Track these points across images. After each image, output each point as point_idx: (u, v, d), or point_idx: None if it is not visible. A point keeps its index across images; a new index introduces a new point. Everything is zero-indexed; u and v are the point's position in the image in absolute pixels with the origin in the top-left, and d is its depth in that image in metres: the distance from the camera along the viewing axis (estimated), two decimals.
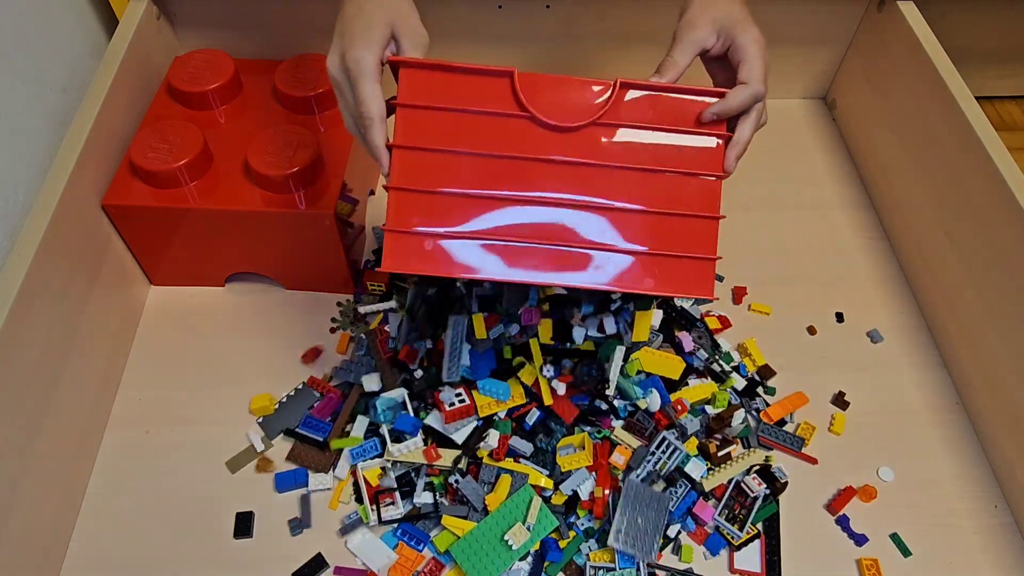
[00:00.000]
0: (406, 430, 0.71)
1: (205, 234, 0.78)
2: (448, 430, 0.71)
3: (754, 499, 0.70)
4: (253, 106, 0.84)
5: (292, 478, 0.71)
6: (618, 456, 0.71)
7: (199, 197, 0.75)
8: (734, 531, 0.69)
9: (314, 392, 0.77)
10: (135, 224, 0.77)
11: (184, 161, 0.74)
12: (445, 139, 0.56)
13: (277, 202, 0.74)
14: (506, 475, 0.69)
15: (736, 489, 0.71)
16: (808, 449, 0.75)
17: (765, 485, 0.71)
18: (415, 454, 0.70)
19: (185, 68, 0.83)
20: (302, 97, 0.81)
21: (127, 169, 0.76)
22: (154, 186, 0.75)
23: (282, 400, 0.76)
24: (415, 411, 0.72)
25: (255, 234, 0.78)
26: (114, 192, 0.75)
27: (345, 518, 0.69)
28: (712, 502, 0.71)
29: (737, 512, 0.70)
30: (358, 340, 0.80)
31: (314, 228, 0.76)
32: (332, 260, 0.80)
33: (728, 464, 0.72)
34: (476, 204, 0.56)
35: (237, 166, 0.77)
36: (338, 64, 0.55)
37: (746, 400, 0.77)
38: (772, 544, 0.69)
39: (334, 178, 0.76)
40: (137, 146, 0.75)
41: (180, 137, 0.75)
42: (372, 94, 0.53)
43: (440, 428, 0.71)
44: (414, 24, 0.57)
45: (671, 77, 0.58)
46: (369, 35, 0.54)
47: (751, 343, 0.81)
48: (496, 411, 0.72)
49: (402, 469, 0.71)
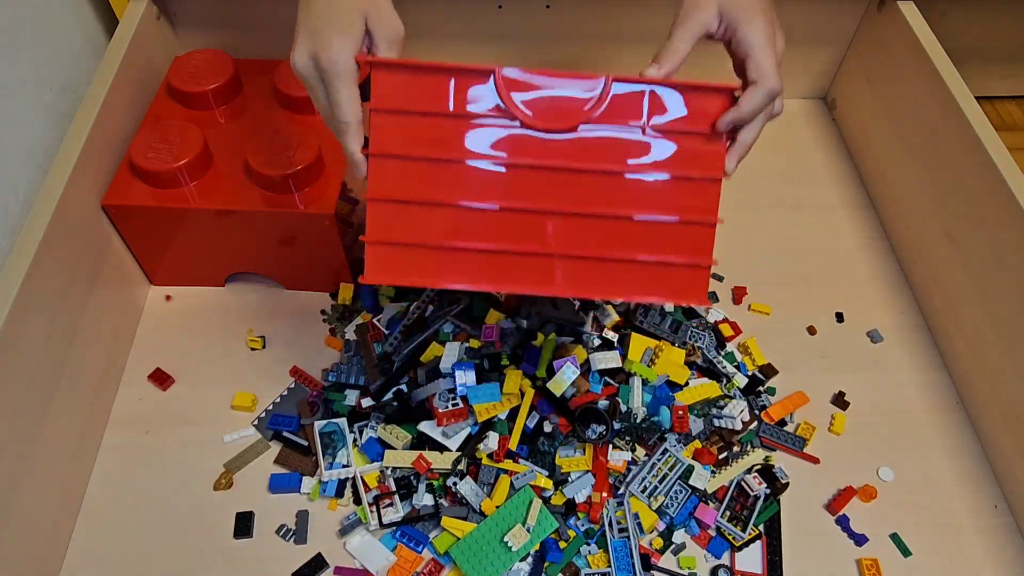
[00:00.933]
0: (372, 457, 0.71)
1: (205, 234, 0.78)
2: (442, 434, 0.70)
3: (755, 499, 0.70)
4: (253, 106, 0.84)
5: (286, 481, 0.70)
6: (617, 457, 0.71)
7: (199, 197, 0.75)
8: (736, 532, 0.69)
9: (305, 388, 0.77)
10: (135, 224, 0.77)
11: (184, 161, 0.73)
12: (424, 146, 0.53)
13: (277, 202, 0.74)
14: (505, 476, 0.69)
15: (737, 489, 0.71)
16: (808, 449, 0.75)
17: (765, 484, 0.71)
18: (402, 456, 0.69)
19: (185, 68, 0.83)
20: (302, 97, 0.81)
21: (127, 169, 0.76)
22: (154, 186, 0.75)
23: (275, 400, 0.76)
24: (360, 431, 0.72)
25: (255, 234, 0.78)
26: (114, 192, 0.75)
27: (344, 519, 0.69)
28: (713, 504, 0.71)
29: (739, 512, 0.70)
30: (347, 343, 0.79)
31: (314, 228, 0.76)
32: (332, 260, 0.80)
33: (729, 466, 0.72)
34: (460, 213, 0.53)
35: (237, 166, 0.77)
36: (309, 63, 0.51)
37: (751, 398, 0.77)
38: (773, 544, 0.69)
39: (334, 178, 0.76)
40: (137, 146, 0.75)
41: (180, 137, 0.75)
42: (349, 99, 0.50)
43: (434, 434, 0.71)
44: (388, 15, 0.52)
45: (670, 68, 0.53)
46: (344, 32, 0.49)
47: (752, 342, 0.81)
48: (496, 414, 0.71)
49: (401, 473, 0.71)
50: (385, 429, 0.71)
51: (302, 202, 0.74)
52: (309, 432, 0.73)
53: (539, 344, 0.75)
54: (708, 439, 0.74)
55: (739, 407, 0.75)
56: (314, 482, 0.71)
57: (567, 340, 0.77)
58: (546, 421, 0.72)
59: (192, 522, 0.69)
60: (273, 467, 0.72)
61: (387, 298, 0.83)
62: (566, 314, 0.79)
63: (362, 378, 0.76)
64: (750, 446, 0.74)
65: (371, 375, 0.75)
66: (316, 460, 0.71)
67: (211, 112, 0.82)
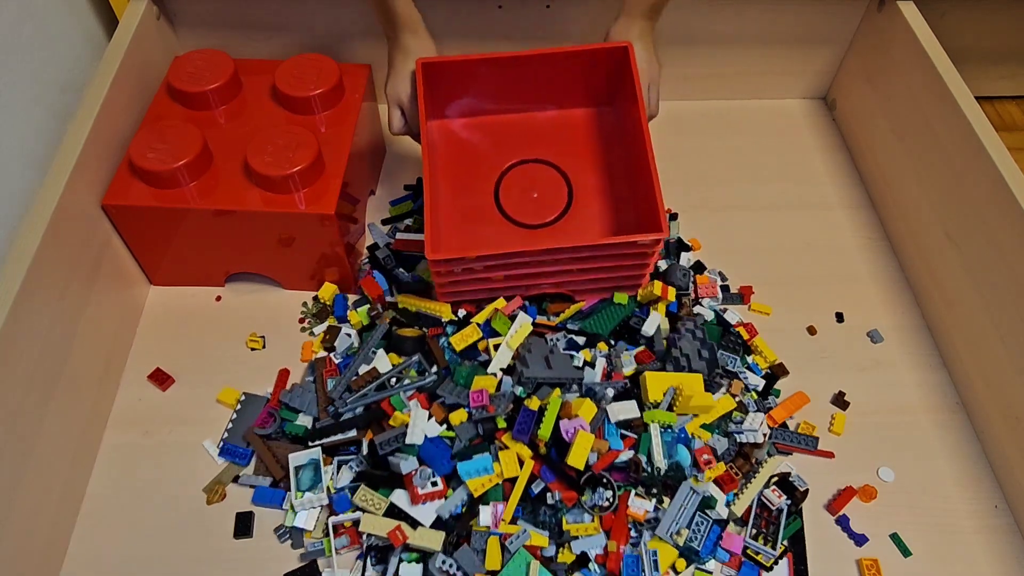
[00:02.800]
0: (339, 510, 0.67)
1: (205, 234, 0.78)
2: (417, 512, 0.66)
3: (778, 512, 0.69)
4: (253, 106, 0.84)
5: (270, 496, 0.69)
6: (638, 505, 0.66)
7: (199, 197, 0.75)
8: (767, 551, 0.67)
9: (262, 399, 0.75)
10: (135, 224, 0.77)
11: (184, 161, 0.73)
12: None
13: (277, 202, 0.74)
14: (495, 538, 0.65)
15: (760, 505, 0.70)
16: None
17: (785, 497, 0.70)
18: (379, 524, 0.65)
19: (185, 68, 0.83)
20: (302, 97, 0.81)
21: (127, 169, 0.76)
22: (154, 186, 0.75)
23: (232, 419, 0.75)
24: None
25: (255, 234, 0.78)
26: (114, 192, 0.75)
27: (310, 544, 0.67)
28: (734, 527, 0.69)
29: (765, 529, 0.68)
30: (312, 362, 0.77)
31: (314, 228, 0.76)
32: (332, 260, 0.80)
33: (749, 483, 0.70)
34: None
35: (237, 166, 0.77)
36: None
37: (761, 400, 0.76)
38: (800, 560, 0.68)
39: (334, 178, 0.76)
40: (137, 146, 0.75)
41: (180, 137, 0.75)
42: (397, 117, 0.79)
43: (408, 509, 0.66)
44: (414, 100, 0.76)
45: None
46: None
47: (760, 341, 0.81)
48: (491, 486, 0.66)
49: (376, 540, 0.66)
50: (362, 496, 0.67)
51: (302, 202, 0.74)
52: (283, 461, 0.70)
53: (534, 407, 0.69)
54: (734, 461, 0.72)
55: (757, 419, 0.73)
56: (287, 506, 0.69)
57: (570, 397, 0.72)
58: (549, 493, 0.66)
59: (192, 522, 0.69)
60: None
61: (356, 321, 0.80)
62: (561, 372, 0.72)
63: (314, 409, 0.73)
64: (766, 455, 0.73)
65: (320, 411, 0.73)
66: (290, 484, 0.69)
67: (211, 112, 0.82)
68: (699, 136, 1.02)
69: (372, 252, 0.87)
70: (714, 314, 0.83)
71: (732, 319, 0.82)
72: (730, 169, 0.99)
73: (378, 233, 0.90)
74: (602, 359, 0.75)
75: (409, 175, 0.97)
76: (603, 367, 0.74)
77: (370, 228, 0.91)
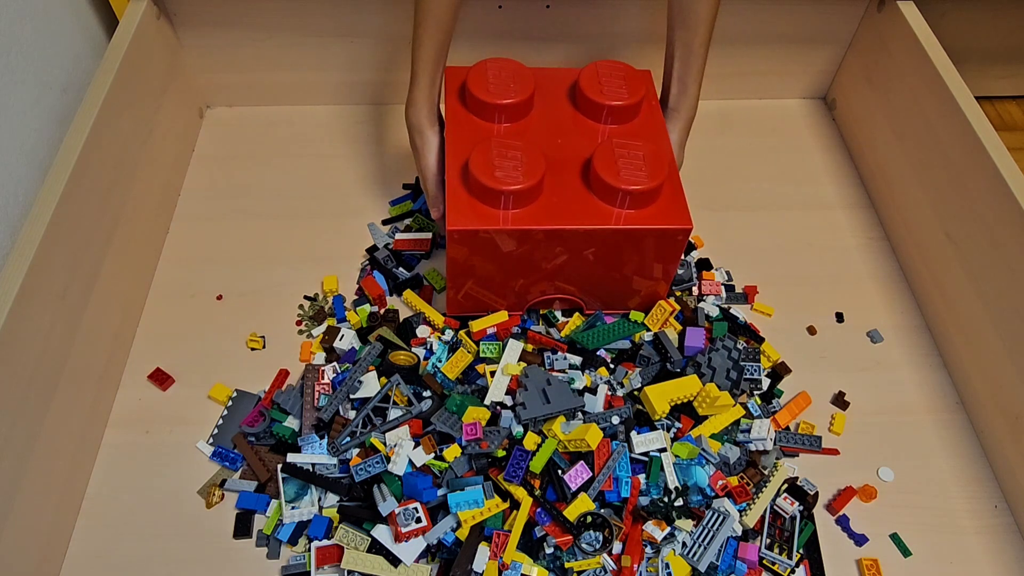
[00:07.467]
0: (313, 536, 0.66)
1: (535, 255, 0.73)
2: (400, 551, 0.64)
3: (791, 519, 0.69)
4: (552, 116, 0.79)
5: (254, 502, 0.68)
6: (654, 528, 0.65)
7: (543, 216, 0.70)
8: (783, 561, 0.66)
9: (253, 397, 0.75)
10: (465, 249, 0.72)
11: (536, 180, 0.69)
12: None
13: (638, 218, 0.70)
14: (492, 561, 0.64)
15: (772, 514, 0.69)
16: None
17: (798, 503, 0.69)
18: (363, 562, 0.64)
19: (484, 77, 0.77)
20: (624, 105, 0.76)
21: (461, 187, 0.71)
22: (503, 208, 0.69)
23: (219, 421, 0.74)
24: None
25: (607, 255, 0.73)
26: (455, 217, 0.69)
27: (292, 557, 0.66)
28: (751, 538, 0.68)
29: (779, 538, 0.68)
30: (308, 367, 0.76)
31: (669, 243, 0.72)
32: (663, 276, 0.77)
33: (760, 492, 0.70)
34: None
35: (574, 181, 0.72)
36: None
37: (764, 405, 0.76)
38: (815, 561, 0.67)
39: (676, 189, 0.73)
40: (480, 166, 0.69)
41: (520, 159, 0.70)
42: None
43: (389, 545, 0.64)
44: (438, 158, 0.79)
45: None
46: None
47: (765, 343, 0.81)
48: (485, 517, 0.65)
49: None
50: (344, 532, 0.65)
51: (661, 216, 0.70)
52: (270, 465, 0.70)
53: (531, 447, 0.67)
54: (744, 471, 0.71)
55: (764, 426, 0.72)
56: (272, 512, 0.68)
57: (574, 424, 0.70)
58: (545, 541, 0.64)
59: (192, 522, 0.69)
60: None
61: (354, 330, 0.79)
62: (560, 404, 0.69)
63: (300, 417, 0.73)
64: (773, 460, 0.73)
65: (305, 423, 0.72)
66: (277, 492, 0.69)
67: (518, 124, 0.77)
68: (698, 136, 1.02)
69: (371, 253, 0.87)
70: (719, 310, 0.82)
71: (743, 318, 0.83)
72: (729, 169, 0.99)
73: (378, 233, 0.90)
74: (603, 385, 0.73)
75: (408, 175, 0.97)
76: (605, 394, 0.72)
77: (370, 228, 0.91)
